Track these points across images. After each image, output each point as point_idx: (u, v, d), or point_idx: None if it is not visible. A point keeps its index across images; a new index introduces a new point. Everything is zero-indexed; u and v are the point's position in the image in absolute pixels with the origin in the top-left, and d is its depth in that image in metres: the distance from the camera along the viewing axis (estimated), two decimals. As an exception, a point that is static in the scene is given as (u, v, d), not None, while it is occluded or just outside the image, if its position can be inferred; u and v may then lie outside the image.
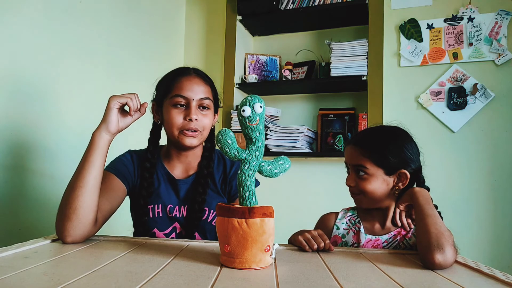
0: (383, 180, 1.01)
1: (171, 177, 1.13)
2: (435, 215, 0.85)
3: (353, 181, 1.02)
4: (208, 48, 2.68)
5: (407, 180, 1.01)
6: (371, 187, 1.00)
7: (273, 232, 0.73)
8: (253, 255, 0.70)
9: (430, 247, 0.77)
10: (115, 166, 1.10)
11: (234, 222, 0.70)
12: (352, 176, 1.03)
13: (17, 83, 1.37)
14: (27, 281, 0.60)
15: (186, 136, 1.06)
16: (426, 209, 0.87)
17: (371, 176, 1.00)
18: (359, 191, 1.02)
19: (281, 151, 2.25)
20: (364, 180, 1.00)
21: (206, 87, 1.10)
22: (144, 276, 0.63)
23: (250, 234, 0.69)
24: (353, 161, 1.02)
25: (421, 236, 0.82)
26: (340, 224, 1.10)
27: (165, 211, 1.10)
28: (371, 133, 1.09)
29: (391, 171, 1.01)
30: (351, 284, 0.63)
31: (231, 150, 0.74)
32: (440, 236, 0.78)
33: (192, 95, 1.06)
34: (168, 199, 1.11)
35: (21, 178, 1.40)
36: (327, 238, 0.93)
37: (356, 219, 1.09)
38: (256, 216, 0.70)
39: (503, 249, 1.99)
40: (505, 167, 2.03)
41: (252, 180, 0.74)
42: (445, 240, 0.77)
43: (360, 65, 2.18)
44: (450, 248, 0.77)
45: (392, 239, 1.02)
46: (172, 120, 1.06)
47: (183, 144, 1.07)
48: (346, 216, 1.12)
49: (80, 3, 1.67)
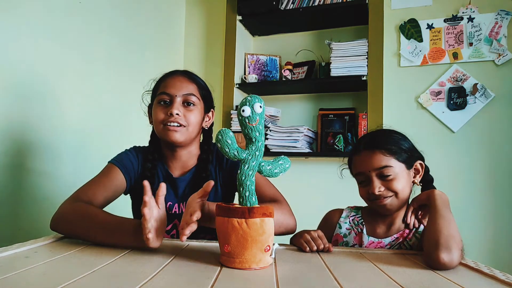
0: (407, 175, 1.00)
1: (169, 175, 1.14)
2: (451, 219, 0.84)
3: (381, 186, 0.98)
4: (208, 48, 2.68)
5: (423, 171, 1.03)
6: (401, 185, 0.97)
7: (273, 232, 0.73)
8: (253, 255, 0.70)
9: (438, 246, 0.77)
10: (121, 160, 1.11)
11: (234, 222, 0.70)
12: (377, 181, 0.98)
13: (16, 82, 1.37)
14: (27, 281, 0.60)
15: (169, 130, 1.06)
16: (443, 211, 0.86)
17: (397, 175, 0.97)
18: (389, 193, 0.98)
19: (281, 151, 2.25)
20: (392, 181, 0.97)
21: (191, 85, 1.11)
22: (144, 276, 0.63)
23: (250, 234, 0.69)
24: (377, 165, 0.97)
25: (431, 234, 0.82)
26: (343, 224, 1.10)
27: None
28: (377, 134, 1.05)
29: (410, 164, 1.01)
30: (351, 284, 0.63)
31: (231, 150, 0.75)
32: (451, 238, 0.78)
33: (175, 91, 1.08)
34: (167, 196, 1.11)
35: (21, 178, 1.40)
36: (327, 241, 0.93)
37: (360, 220, 1.08)
38: (256, 216, 0.70)
39: (503, 249, 1.99)
40: (505, 167, 2.02)
41: (252, 180, 0.74)
42: (454, 243, 0.78)
43: (360, 65, 2.18)
44: (457, 251, 0.77)
45: (395, 241, 1.01)
46: (155, 116, 1.08)
47: (167, 138, 1.07)
48: (350, 215, 1.11)
49: (79, 3, 1.67)
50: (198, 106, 1.11)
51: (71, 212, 0.94)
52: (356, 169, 1.03)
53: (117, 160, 1.11)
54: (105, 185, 1.04)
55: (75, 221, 0.92)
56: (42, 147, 1.48)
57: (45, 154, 1.49)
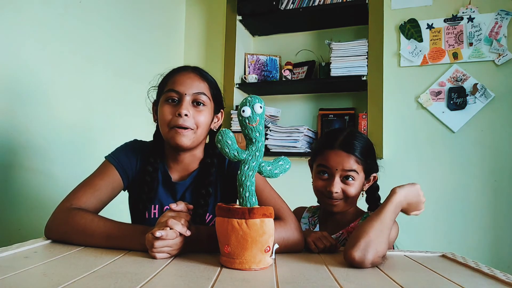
0: (362, 183, 1.06)
1: (168, 179, 1.08)
2: (387, 227, 0.80)
3: (340, 187, 1.02)
4: (208, 48, 2.68)
5: (373, 182, 1.10)
6: (355, 191, 1.03)
7: (273, 232, 0.73)
8: (253, 256, 0.70)
9: (355, 245, 0.76)
10: (117, 156, 1.05)
11: (234, 223, 0.69)
12: (338, 181, 1.02)
13: (14, 81, 1.37)
14: (27, 281, 0.60)
15: (177, 134, 0.97)
16: (385, 215, 0.81)
17: (357, 181, 1.03)
18: (342, 196, 1.03)
19: (281, 151, 2.25)
20: (350, 185, 1.02)
21: (202, 83, 1.02)
22: (144, 276, 0.63)
23: (250, 235, 0.69)
24: (347, 167, 1.01)
25: (358, 231, 0.80)
26: (303, 224, 1.16)
27: (161, 212, 1.06)
28: (356, 138, 1.06)
29: (368, 174, 1.07)
30: (351, 285, 0.63)
31: (231, 150, 0.74)
32: (372, 243, 0.76)
33: (184, 89, 0.98)
34: (165, 200, 1.07)
35: (20, 177, 1.40)
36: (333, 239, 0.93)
37: (316, 219, 1.14)
38: (256, 217, 0.70)
39: (503, 249, 1.99)
40: (505, 167, 2.02)
41: (252, 180, 0.74)
42: (372, 248, 0.76)
43: (360, 65, 2.18)
44: (372, 256, 0.75)
45: (340, 237, 1.06)
46: (162, 115, 0.99)
47: (173, 143, 0.99)
48: (310, 216, 1.17)
49: (80, 3, 1.67)
50: (208, 107, 1.03)
51: (66, 220, 0.90)
52: (324, 161, 1.05)
53: (114, 156, 1.04)
54: (100, 187, 0.99)
55: (70, 229, 0.89)
56: (42, 147, 1.48)
57: (45, 154, 1.49)
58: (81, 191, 0.98)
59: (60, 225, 0.91)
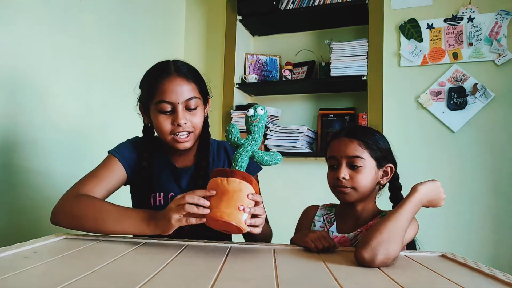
0: (375, 173, 1.02)
1: (172, 166, 1.12)
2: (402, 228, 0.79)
3: (347, 174, 1.00)
4: (208, 48, 2.68)
5: (391, 175, 1.06)
6: (365, 179, 1.00)
7: (248, 199, 0.81)
8: (225, 207, 0.79)
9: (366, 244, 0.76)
10: (120, 150, 1.09)
11: (218, 180, 0.82)
12: (345, 168, 1.01)
13: (14, 81, 1.37)
14: (27, 281, 0.60)
15: (179, 142, 1.03)
16: (403, 213, 0.81)
17: (365, 168, 1.00)
18: (352, 184, 1.00)
19: (281, 151, 2.23)
20: (358, 173, 1.00)
21: (190, 85, 1.04)
22: (144, 276, 0.63)
23: (228, 190, 0.80)
24: (350, 153, 1.00)
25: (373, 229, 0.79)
26: (317, 222, 1.12)
27: (166, 199, 1.09)
28: (360, 127, 1.09)
29: (381, 163, 1.03)
30: (351, 284, 0.63)
31: (233, 136, 0.89)
32: (384, 242, 0.76)
33: (177, 98, 1.01)
34: (169, 187, 1.11)
35: (20, 178, 1.40)
36: (332, 239, 0.93)
37: (332, 217, 1.11)
38: (236, 177, 0.81)
39: (503, 249, 1.99)
40: (505, 167, 2.02)
41: (244, 159, 0.86)
42: (383, 248, 0.75)
43: (360, 65, 2.18)
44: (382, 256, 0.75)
45: (359, 235, 1.03)
46: (160, 127, 1.03)
47: (177, 147, 1.05)
48: (324, 214, 1.13)
49: (79, 2, 1.67)
50: (201, 105, 1.07)
51: (75, 204, 0.93)
52: (330, 152, 1.06)
53: (117, 150, 1.09)
54: (105, 176, 1.03)
55: (80, 212, 0.92)
56: (41, 147, 1.48)
57: (44, 153, 1.49)
58: (87, 181, 1.02)
59: (69, 210, 0.94)
